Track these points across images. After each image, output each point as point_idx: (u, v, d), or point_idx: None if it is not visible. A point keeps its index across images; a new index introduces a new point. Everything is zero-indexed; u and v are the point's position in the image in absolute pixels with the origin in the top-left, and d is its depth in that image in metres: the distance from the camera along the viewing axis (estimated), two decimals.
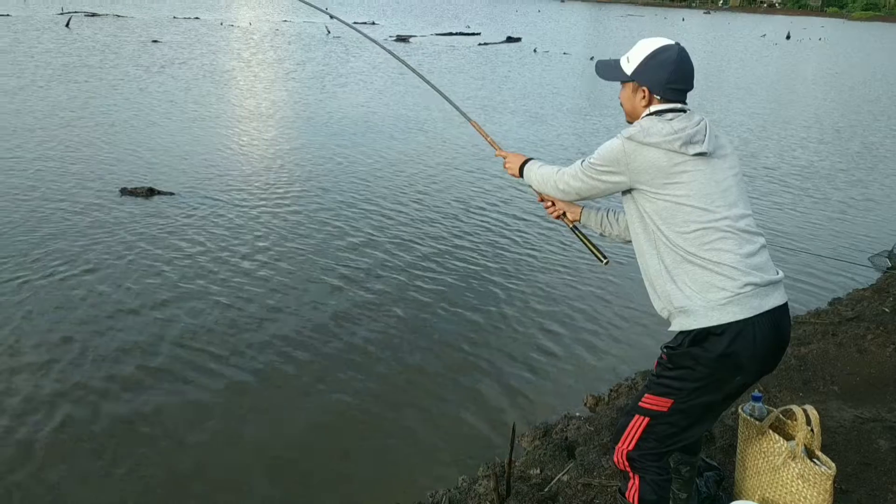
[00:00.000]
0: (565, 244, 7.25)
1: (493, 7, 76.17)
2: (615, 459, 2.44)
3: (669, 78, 2.29)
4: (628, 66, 2.37)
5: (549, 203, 2.75)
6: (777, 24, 62.52)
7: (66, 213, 7.40)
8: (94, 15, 36.38)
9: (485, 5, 79.27)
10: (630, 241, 2.46)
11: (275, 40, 28.42)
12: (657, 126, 2.23)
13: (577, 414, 4.30)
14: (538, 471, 3.55)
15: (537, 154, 11.19)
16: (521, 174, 2.68)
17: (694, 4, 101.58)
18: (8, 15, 33.47)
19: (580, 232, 2.73)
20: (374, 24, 40.59)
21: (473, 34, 36.79)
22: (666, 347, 2.32)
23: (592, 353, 5.25)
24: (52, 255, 6.32)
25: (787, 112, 17.71)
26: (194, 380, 4.58)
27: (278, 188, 8.83)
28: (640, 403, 2.36)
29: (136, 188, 8.31)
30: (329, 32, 32.10)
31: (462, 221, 7.96)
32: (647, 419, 2.33)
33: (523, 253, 7.11)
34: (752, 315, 2.18)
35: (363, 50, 25.79)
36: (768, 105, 18.72)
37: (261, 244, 6.87)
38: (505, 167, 2.76)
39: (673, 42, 2.34)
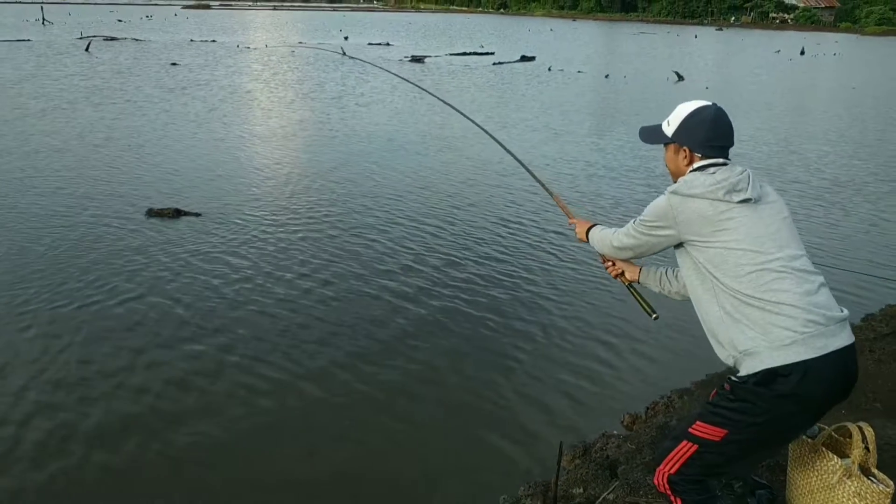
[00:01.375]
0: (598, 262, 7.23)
1: (505, 27, 76.67)
2: (655, 481, 2.45)
3: (707, 136, 2.40)
4: (668, 129, 2.50)
5: (610, 263, 2.85)
6: (790, 40, 62.29)
7: (102, 236, 7.49)
8: (112, 39, 37.04)
9: (497, 25, 79.82)
10: (689, 297, 2.50)
11: (292, 62, 28.77)
12: (700, 179, 2.33)
13: (615, 432, 4.27)
14: (581, 490, 3.52)
15: (566, 170, 11.22)
16: (587, 239, 2.83)
17: (706, 21, 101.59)
18: (29, 40, 34.06)
19: (634, 289, 2.81)
20: (388, 44, 41.02)
21: (487, 53, 37.08)
22: (730, 379, 2.31)
23: (626, 371, 5.21)
24: (102, 279, 6.37)
25: (808, 127, 17.59)
26: (258, 401, 4.63)
27: (310, 207, 8.86)
28: (690, 430, 2.35)
29: (162, 209, 8.35)
30: (344, 53, 32.42)
31: (500, 237, 7.98)
32: (695, 446, 2.32)
33: (561, 269, 7.09)
34: (818, 355, 2.16)
35: (379, 71, 26.00)
36: (789, 120, 18.61)
37: (306, 266, 6.87)
38: (575, 233, 2.92)
39: (710, 103, 2.46)
